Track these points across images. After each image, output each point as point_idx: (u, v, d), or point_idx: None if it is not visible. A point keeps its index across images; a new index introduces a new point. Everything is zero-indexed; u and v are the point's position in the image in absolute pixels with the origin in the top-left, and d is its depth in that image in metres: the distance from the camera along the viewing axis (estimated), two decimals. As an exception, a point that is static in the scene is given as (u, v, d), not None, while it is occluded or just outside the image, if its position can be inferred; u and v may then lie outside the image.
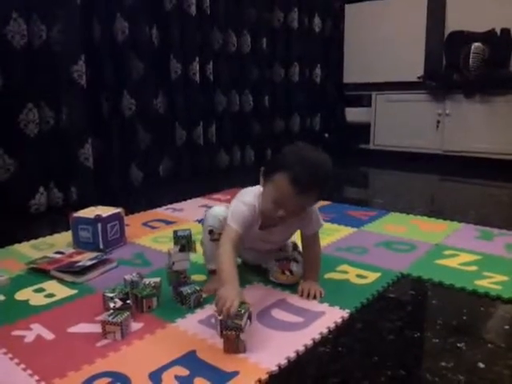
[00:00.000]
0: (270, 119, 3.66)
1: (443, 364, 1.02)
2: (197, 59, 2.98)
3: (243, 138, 3.46)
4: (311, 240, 1.41)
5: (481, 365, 1.02)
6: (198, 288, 1.29)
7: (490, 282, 1.41)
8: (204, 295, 1.31)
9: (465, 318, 1.24)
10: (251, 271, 1.51)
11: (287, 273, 1.40)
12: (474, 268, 1.52)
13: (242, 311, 1.05)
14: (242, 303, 1.07)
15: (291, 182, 1.19)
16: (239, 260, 1.56)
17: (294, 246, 1.51)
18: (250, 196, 1.31)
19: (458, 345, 1.10)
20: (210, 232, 1.36)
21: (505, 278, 1.44)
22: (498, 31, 3.33)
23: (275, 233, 1.37)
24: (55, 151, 2.34)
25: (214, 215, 1.37)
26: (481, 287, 1.38)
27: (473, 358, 1.04)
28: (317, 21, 3.90)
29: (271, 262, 1.44)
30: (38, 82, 2.24)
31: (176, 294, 1.30)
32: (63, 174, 2.38)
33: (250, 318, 1.08)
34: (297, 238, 1.49)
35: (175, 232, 1.34)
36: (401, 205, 2.36)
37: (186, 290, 1.27)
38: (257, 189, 1.33)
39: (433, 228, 1.97)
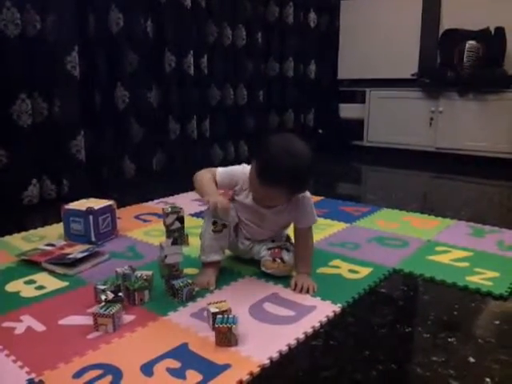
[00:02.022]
0: (265, 114, 3.65)
1: (434, 358, 1.03)
2: (191, 52, 2.96)
3: (237, 132, 3.45)
4: (304, 233, 1.41)
5: (471, 359, 1.03)
6: (190, 281, 1.28)
7: (481, 278, 1.42)
8: (196, 288, 1.30)
9: (456, 313, 1.24)
10: (244, 265, 1.51)
11: (278, 260, 1.41)
12: (465, 264, 1.53)
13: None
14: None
15: (257, 174, 1.25)
16: (232, 254, 1.57)
17: (287, 237, 1.52)
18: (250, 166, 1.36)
19: (449, 340, 1.11)
20: (214, 223, 1.37)
21: (496, 275, 1.45)
22: (493, 30, 3.34)
23: (268, 218, 1.39)
24: (48, 143, 2.32)
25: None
26: (472, 283, 1.39)
27: (463, 353, 1.05)
28: (312, 16, 3.89)
29: (263, 252, 1.44)
30: (31, 72, 2.21)
31: (168, 287, 1.30)
32: (55, 165, 2.36)
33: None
34: (289, 231, 1.50)
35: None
36: (393, 201, 2.37)
37: (178, 283, 1.27)
38: None
39: (425, 224, 1.98)
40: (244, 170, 1.39)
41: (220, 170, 1.40)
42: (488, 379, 0.96)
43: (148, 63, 2.75)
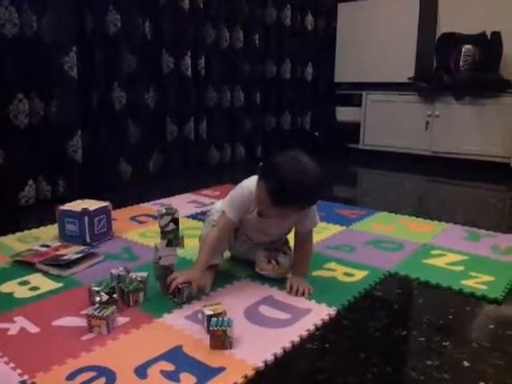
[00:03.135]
0: (261, 116, 3.65)
1: (429, 362, 1.03)
2: (189, 54, 2.96)
3: (234, 134, 3.44)
4: (305, 237, 1.41)
5: (465, 363, 1.03)
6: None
7: (475, 282, 1.42)
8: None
9: (450, 317, 1.24)
10: (240, 267, 1.51)
11: (273, 262, 1.40)
12: (460, 268, 1.54)
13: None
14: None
15: (268, 195, 1.21)
16: (229, 254, 1.56)
17: (286, 240, 1.52)
18: (250, 182, 1.32)
19: (444, 343, 1.11)
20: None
21: (490, 279, 1.45)
22: (489, 34, 3.36)
23: (272, 225, 1.38)
24: (45, 143, 2.31)
25: (218, 211, 1.39)
26: (467, 287, 1.39)
27: (458, 357, 1.05)
28: (309, 19, 3.89)
29: (259, 252, 1.44)
30: (28, 72, 2.20)
31: (165, 287, 1.29)
32: (51, 166, 2.35)
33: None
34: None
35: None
36: (389, 204, 2.37)
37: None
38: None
39: (421, 228, 1.98)
40: (243, 192, 1.32)
41: (228, 211, 1.32)
42: (482, 383, 0.96)
43: (146, 64, 2.75)
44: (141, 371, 0.97)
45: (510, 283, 1.42)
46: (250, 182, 1.32)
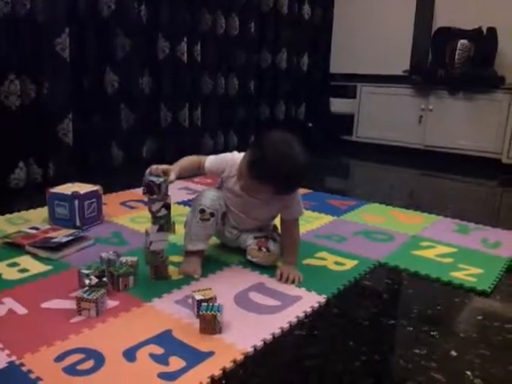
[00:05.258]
0: (255, 105, 3.63)
1: (416, 351, 1.04)
2: (185, 39, 2.92)
3: (227, 122, 3.42)
4: (291, 225, 1.42)
5: (453, 353, 1.04)
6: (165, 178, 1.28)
7: (464, 274, 1.43)
8: (182, 275, 1.30)
9: (439, 307, 1.25)
10: (230, 253, 1.51)
11: (264, 249, 1.41)
12: (449, 260, 1.55)
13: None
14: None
15: (247, 165, 1.25)
16: (218, 242, 1.56)
17: (274, 227, 1.53)
18: (241, 154, 1.36)
19: (432, 333, 1.12)
20: (202, 211, 1.36)
21: (479, 271, 1.46)
22: (485, 30, 3.36)
23: (255, 206, 1.38)
24: (36, 125, 2.28)
25: (206, 196, 1.39)
26: (456, 279, 1.40)
27: (445, 347, 1.06)
28: (306, 8, 3.86)
29: (249, 240, 1.44)
30: (20, 52, 2.16)
31: (156, 272, 1.29)
32: (42, 148, 2.32)
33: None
34: (276, 221, 1.51)
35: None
36: (380, 196, 2.38)
37: (157, 179, 1.27)
38: None
39: (411, 220, 1.99)
40: (233, 157, 1.39)
41: (210, 156, 1.41)
42: (469, 372, 0.97)
43: (141, 48, 2.71)
44: (129, 354, 0.96)
45: (499, 276, 1.44)
46: (241, 154, 1.36)
